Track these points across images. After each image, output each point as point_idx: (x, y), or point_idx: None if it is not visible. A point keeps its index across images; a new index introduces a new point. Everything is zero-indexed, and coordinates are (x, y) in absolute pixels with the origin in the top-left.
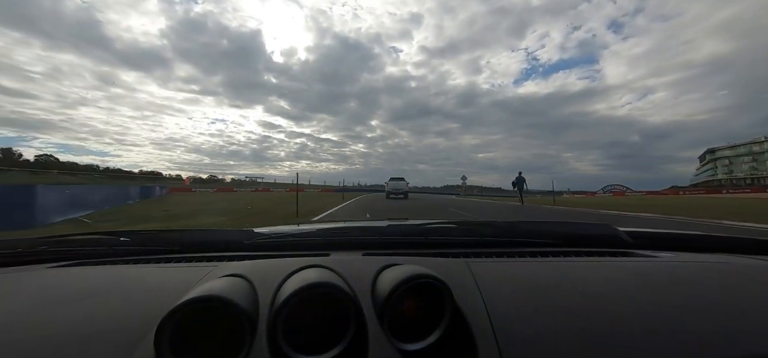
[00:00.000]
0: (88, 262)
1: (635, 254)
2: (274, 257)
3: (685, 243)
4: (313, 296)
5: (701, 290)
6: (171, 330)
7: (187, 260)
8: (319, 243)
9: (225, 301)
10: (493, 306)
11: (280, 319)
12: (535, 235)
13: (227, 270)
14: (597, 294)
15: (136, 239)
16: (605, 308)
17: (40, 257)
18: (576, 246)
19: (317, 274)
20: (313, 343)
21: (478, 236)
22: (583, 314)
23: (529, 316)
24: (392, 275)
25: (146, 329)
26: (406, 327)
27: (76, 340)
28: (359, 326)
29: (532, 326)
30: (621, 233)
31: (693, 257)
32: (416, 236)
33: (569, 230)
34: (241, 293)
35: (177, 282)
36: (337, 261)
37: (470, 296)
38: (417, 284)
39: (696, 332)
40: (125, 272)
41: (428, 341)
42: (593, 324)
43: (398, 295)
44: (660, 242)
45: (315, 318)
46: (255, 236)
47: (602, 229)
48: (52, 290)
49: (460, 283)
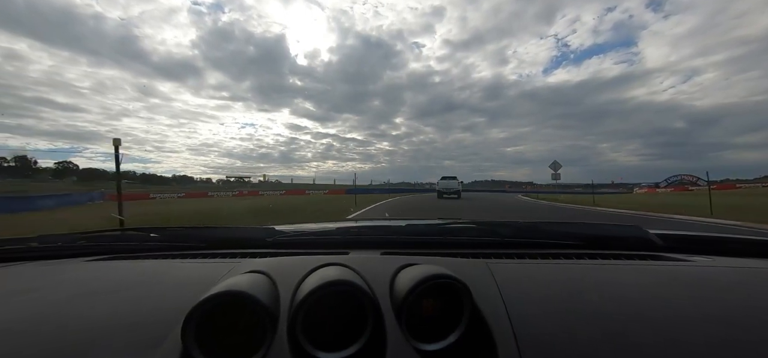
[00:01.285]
0: (121, 256)
1: (667, 257)
2: (294, 254)
3: (722, 247)
4: (332, 293)
5: (740, 298)
6: (196, 323)
7: (211, 256)
8: (338, 241)
9: (247, 296)
10: (514, 308)
11: (300, 315)
12: (559, 236)
13: (250, 266)
14: (624, 299)
15: (164, 235)
16: (633, 314)
17: (79, 251)
18: (602, 248)
19: (336, 272)
20: (331, 340)
21: (498, 237)
22: (609, 319)
23: (552, 319)
24: (411, 275)
25: (174, 322)
26: (424, 327)
27: (108, 330)
28: (377, 324)
29: (554, 330)
30: (651, 235)
31: (732, 262)
32: (435, 236)
33: (595, 231)
34: (263, 289)
35: (202, 277)
36: (355, 260)
37: (490, 297)
38: (435, 284)
39: (733, 344)
40: (154, 267)
41: (447, 342)
42: (619, 330)
43: (416, 294)
44: (694, 245)
45: (334, 316)
46: (276, 234)
47: (630, 230)
48: (88, 282)
49: (480, 283)
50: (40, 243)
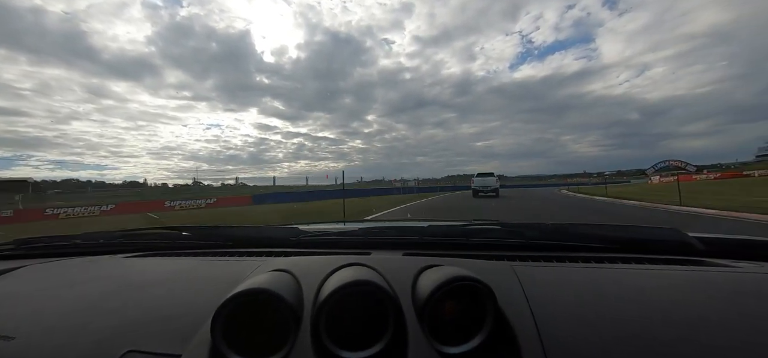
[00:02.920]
0: (156, 253)
1: (709, 262)
2: (318, 253)
3: None
4: (354, 293)
5: None
6: (224, 319)
7: (239, 255)
8: (360, 242)
9: (272, 294)
10: (540, 312)
11: (322, 314)
12: (588, 238)
13: (275, 265)
14: (660, 306)
15: (196, 234)
16: (668, 323)
17: (118, 248)
18: (635, 252)
19: (358, 272)
20: (354, 339)
21: (524, 238)
22: (642, 327)
23: (580, 325)
24: (433, 276)
25: (203, 317)
26: (447, 329)
27: (143, 323)
28: (399, 325)
29: (582, 336)
30: (691, 239)
31: None
32: (457, 237)
33: (629, 234)
34: (287, 288)
35: (230, 275)
36: (377, 260)
37: (515, 300)
38: (458, 286)
39: None
40: (186, 264)
41: (470, 345)
42: (653, 340)
43: (439, 296)
44: (739, 249)
45: (356, 315)
46: (300, 234)
47: (668, 234)
48: (125, 276)
49: (505, 286)
50: (84, 240)
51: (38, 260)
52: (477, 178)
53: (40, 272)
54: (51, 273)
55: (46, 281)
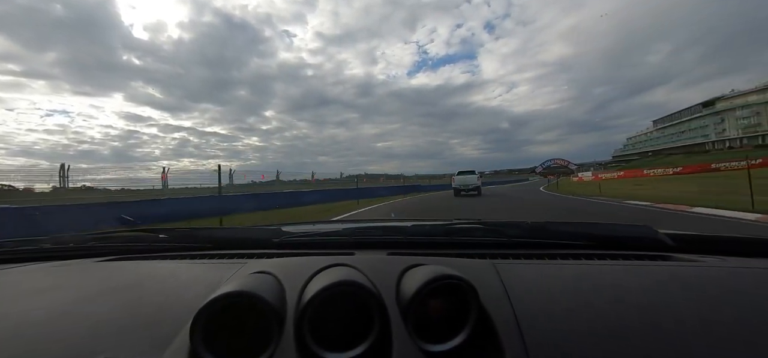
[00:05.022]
0: (130, 257)
1: (678, 258)
2: (301, 254)
3: (734, 246)
4: (338, 294)
5: (751, 299)
6: (204, 323)
7: (219, 257)
8: (344, 242)
9: (255, 297)
10: (521, 309)
11: (306, 315)
12: (566, 236)
13: (257, 267)
14: (633, 300)
15: (173, 236)
16: (642, 315)
17: (90, 252)
18: (611, 248)
19: (342, 272)
20: (338, 340)
21: (505, 237)
22: (617, 320)
23: (559, 320)
24: (417, 276)
25: (182, 322)
26: (431, 328)
27: (118, 329)
28: (383, 325)
29: (561, 331)
30: (660, 235)
31: (743, 262)
32: (441, 236)
33: (603, 231)
34: (270, 290)
35: (210, 277)
36: (361, 260)
37: (497, 298)
38: (442, 285)
39: (741, 346)
40: (163, 267)
41: (454, 343)
42: (628, 331)
43: (423, 295)
44: (705, 245)
45: (340, 316)
46: (283, 234)
47: (640, 230)
48: (97, 282)
49: (487, 284)
50: (53, 244)
51: (2, 265)
52: (458, 176)
53: (5, 278)
54: (17, 279)
55: (12, 288)
